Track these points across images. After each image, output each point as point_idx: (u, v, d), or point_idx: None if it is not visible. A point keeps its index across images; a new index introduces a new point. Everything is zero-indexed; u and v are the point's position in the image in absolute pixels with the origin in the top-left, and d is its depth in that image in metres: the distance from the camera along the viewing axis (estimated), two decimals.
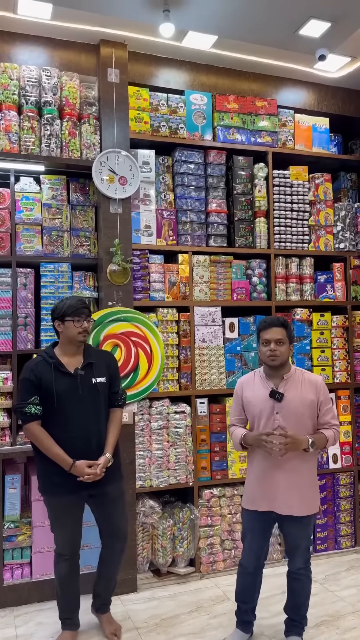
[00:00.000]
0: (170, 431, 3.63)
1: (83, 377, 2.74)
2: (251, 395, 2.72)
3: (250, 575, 2.79)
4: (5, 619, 3.11)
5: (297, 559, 2.74)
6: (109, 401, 2.87)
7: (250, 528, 2.77)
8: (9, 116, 3.37)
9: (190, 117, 3.88)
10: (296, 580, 2.77)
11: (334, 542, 4.04)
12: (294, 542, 2.72)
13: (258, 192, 4.03)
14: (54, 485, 2.72)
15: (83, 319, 2.75)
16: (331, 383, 4.12)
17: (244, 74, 4.07)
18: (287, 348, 2.65)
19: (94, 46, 3.63)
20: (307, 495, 2.65)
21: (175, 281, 3.76)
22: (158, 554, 3.57)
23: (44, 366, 2.71)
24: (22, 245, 3.47)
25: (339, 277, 4.24)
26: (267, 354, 2.63)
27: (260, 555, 2.78)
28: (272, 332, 2.62)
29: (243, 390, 2.78)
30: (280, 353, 2.61)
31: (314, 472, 2.72)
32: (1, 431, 3.29)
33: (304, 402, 2.62)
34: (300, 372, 2.72)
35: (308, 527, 2.71)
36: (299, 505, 2.61)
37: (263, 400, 2.66)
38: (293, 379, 2.67)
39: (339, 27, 3.50)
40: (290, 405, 2.61)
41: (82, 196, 3.70)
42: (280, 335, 2.62)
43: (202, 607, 3.25)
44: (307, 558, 2.76)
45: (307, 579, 2.77)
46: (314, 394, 2.65)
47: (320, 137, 4.27)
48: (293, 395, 2.63)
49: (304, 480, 2.63)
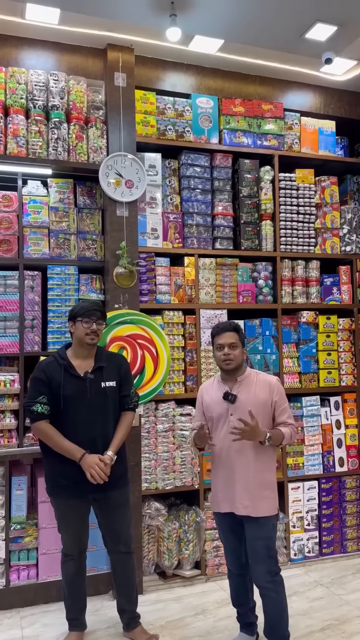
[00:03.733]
0: (176, 433, 3.64)
1: (92, 380, 2.75)
2: (209, 399, 2.76)
3: (237, 576, 2.79)
4: (12, 620, 3.13)
5: (259, 568, 2.62)
6: (120, 404, 2.86)
7: (221, 530, 2.80)
8: (17, 120, 3.40)
9: (197, 120, 3.89)
10: (263, 597, 2.65)
11: (340, 545, 4.02)
12: (252, 546, 2.62)
13: (264, 195, 4.03)
14: (61, 488, 2.73)
15: (93, 321, 2.76)
16: (337, 386, 4.11)
17: (250, 77, 4.08)
18: (241, 351, 2.69)
19: (101, 50, 3.65)
20: (262, 495, 2.62)
21: (181, 284, 3.77)
22: (164, 557, 3.57)
23: (55, 367, 2.73)
24: (29, 248, 3.49)
25: (345, 279, 4.24)
26: (221, 359, 2.66)
27: (239, 555, 2.74)
28: (225, 337, 2.66)
29: (203, 396, 2.82)
30: (234, 357, 2.64)
31: (270, 472, 2.69)
32: (8, 433, 3.30)
33: (257, 401, 2.63)
34: (255, 374, 2.74)
35: (266, 529, 2.62)
36: (253, 506, 2.59)
37: (219, 403, 2.69)
38: (247, 381, 2.69)
39: (345, 31, 3.51)
40: (244, 406, 2.60)
41: (89, 199, 3.72)
42: (233, 339, 2.66)
43: (207, 609, 3.25)
44: (273, 570, 2.61)
45: (276, 595, 2.62)
46: (267, 393, 2.66)
47: (327, 140, 4.27)
48: (246, 396, 2.64)
49: (259, 480, 2.62)
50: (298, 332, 4.05)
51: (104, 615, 3.17)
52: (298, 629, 2.98)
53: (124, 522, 2.86)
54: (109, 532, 2.86)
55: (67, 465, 2.69)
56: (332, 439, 4.07)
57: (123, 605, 2.91)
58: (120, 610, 2.93)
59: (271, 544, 2.65)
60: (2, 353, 3.37)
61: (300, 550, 3.90)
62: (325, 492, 3.99)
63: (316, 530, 3.95)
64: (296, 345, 4.06)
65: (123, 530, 2.86)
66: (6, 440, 3.28)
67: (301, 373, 4.03)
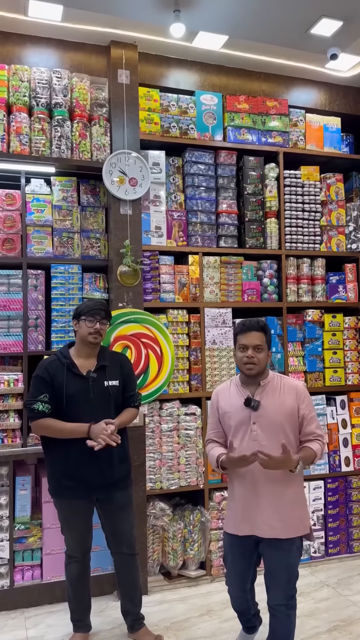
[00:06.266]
0: (181, 433, 3.62)
1: (95, 379, 2.74)
2: (227, 405, 2.49)
3: (238, 597, 2.60)
4: (16, 621, 3.11)
5: (276, 591, 2.40)
6: (124, 403, 2.85)
7: (229, 553, 2.55)
8: (20, 118, 3.38)
9: (201, 117, 3.86)
10: (273, 617, 2.43)
11: (346, 545, 3.99)
12: (273, 571, 2.40)
13: (269, 193, 4.00)
14: (64, 489, 2.72)
15: (96, 320, 2.75)
16: (343, 385, 4.08)
17: (254, 74, 4.05)
18: (266, 355, 2.42)
19: (104, 47, 3.63)
20: (293, 515, 2.38)
21: (186, 282, 3.75)
22: (168, 557, 3.55)
23: (58, 366, 2.72)
24: (32, 247, 3.47)
25: (351, 277, 4.20)
26: (243, 361, 2.39)
27: (245, 579, 2.54)
28: (251, 337, 2.38)
29: (219, 400, 2.54)
30: (258, 360, 2.37)
31: (300, 490, 2.47)
32: (12, 432, 3.29)
33: (282, 409, 2.38)
34: (279, 378, 2.48)
35: (290, 554, 2.38)
36: (283, 527, 2.35)
37: (239, 410, 2.42)
38: (271, 386, 2.43)
39: (351, 26, 3.47)
40: (268, 414, 2.37)
41: (92, 198, 3.70)
42: (259, 340, 2.38)
43: (212, 610, 3.23)
44: (290, 594, 2.40)
45: (286, 617, 2.40)
46: (293, 400, 2.40)
47: (332, 137, 4.23)
48: (270, 402, 2.39)
49: (289, 499, 2.38)
50: (303, 331, 4.03)
51: (109, 616, 3.15)
52: (304, 630, 2.95)
53: (127, 523, 2.84)
54: (112, 534, 2.84)
55: (69, 465, 2.68)
56: (338, 438, 4.04)
57: (127, 606, 2.89)
58: (124, 612, 2.91)
59: (294, 570, 2.41)
60: (6, 352, 3.35)
61: (306, 551, 3.87)
62: (331, 491, 3.96)
63: (322, 531, 3.92)
64: (302, 344, 4.03)
65: (126, 531, 2.84)
66: (10, 440, 3.27)
67: (307, 372, 4.01)
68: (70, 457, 2.67)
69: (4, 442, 3.26)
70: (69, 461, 2.67)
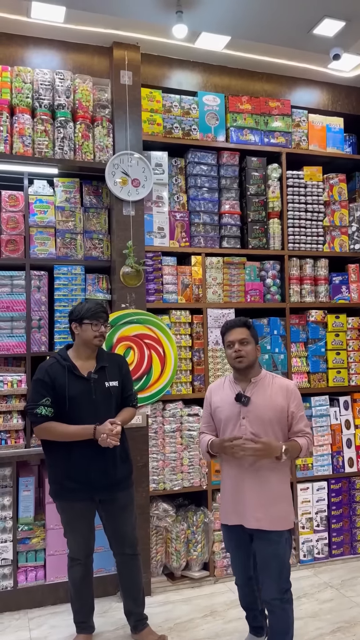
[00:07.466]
0: (184, 434, 3.62)
1: (96, 380, 2.74)
2: (219, 400, 2.60)
3: (244, 586, 2.69)
4: (20, 622, 3.12)
5: (269, 584, 2.47)
6: (122, 404, 2.86)
7: (228, 543, 2.67)
8: (23, 119, 3.39)
9: (203, 118, 3.86)
10: (271, 613, 2.51)
11: (350, 546, 3.98)
12: (263, 563, 2.47)
13: (272, 193, 4.00)
14: (66, 491, 2.71)
15: (101, 324, 2.76)
16: (347, 386, 4.08)
17: (257, 74, 4.05)
18: (254, 348, 2.54)
19: (106, 49, 3.63)
20: (278, 508, 2.46)
21: (188, 283, 3.74)
22: (172, 558, 3.55)
23: (58, 368, 2.71)
24: (35, 248, 3.48)
25: (354, 278, 4.20)
26: (232, 356, 2.52)
27: (246, 567, 2.63)
28: (235, 333, 2.53)
29: (212, 396, 2.67)
30: (245, 353, 2.49)
31: (285, 484, 2.54)
32: (15, 433, 3.29)
33: (272, 406, 2.47)
34: (270, 376, 2.58)
35: (279, 546, 2.45)
36: (267, 519, 2.43)
37: (230, 405, 2.52)
38: (262, 383, 2.54)
39: (354, 26, 3.47)
40: (258, 410, 2.46)
41: (95, 199, 3.71)
42: (244, 334, 2.52)
43: (216, 611, 3.22)
44: (284, 588, 2.48)
45: (282, 612, 2.47)
46: (283, 399, 2.49)
47: (335, 137, 4.23)
48: (261, 399, 2.48)
49: (274, 492, 2.46)
50: (307, 332, 4.02)
51: (112, 617, 3.15)
52: (307, 631, 2.95)
53: (129, 524, 2.84)
54: (114, 535, 2.84)
55: (72, 466, 2.67)
56: (342, 439, 4.03)
57: (130, 607, 2.89)
58: (127, 613, 2.91)
59: (284, 562, 2.49)
60: (9, 353, 3.35)
61: (310, 552, 3.86)
62: (334, 492, 3.96)
63: (325, 532, 3.91)
64: (305, 344, 4.02)
65: (128, 532, 2.84)
66: (13, 441, 3.27)
67: (310, 373, 4.00)
68: (72, 459, 2.67)
69: (7, 443, 3.26)
70: (72, 463, 2.67)
